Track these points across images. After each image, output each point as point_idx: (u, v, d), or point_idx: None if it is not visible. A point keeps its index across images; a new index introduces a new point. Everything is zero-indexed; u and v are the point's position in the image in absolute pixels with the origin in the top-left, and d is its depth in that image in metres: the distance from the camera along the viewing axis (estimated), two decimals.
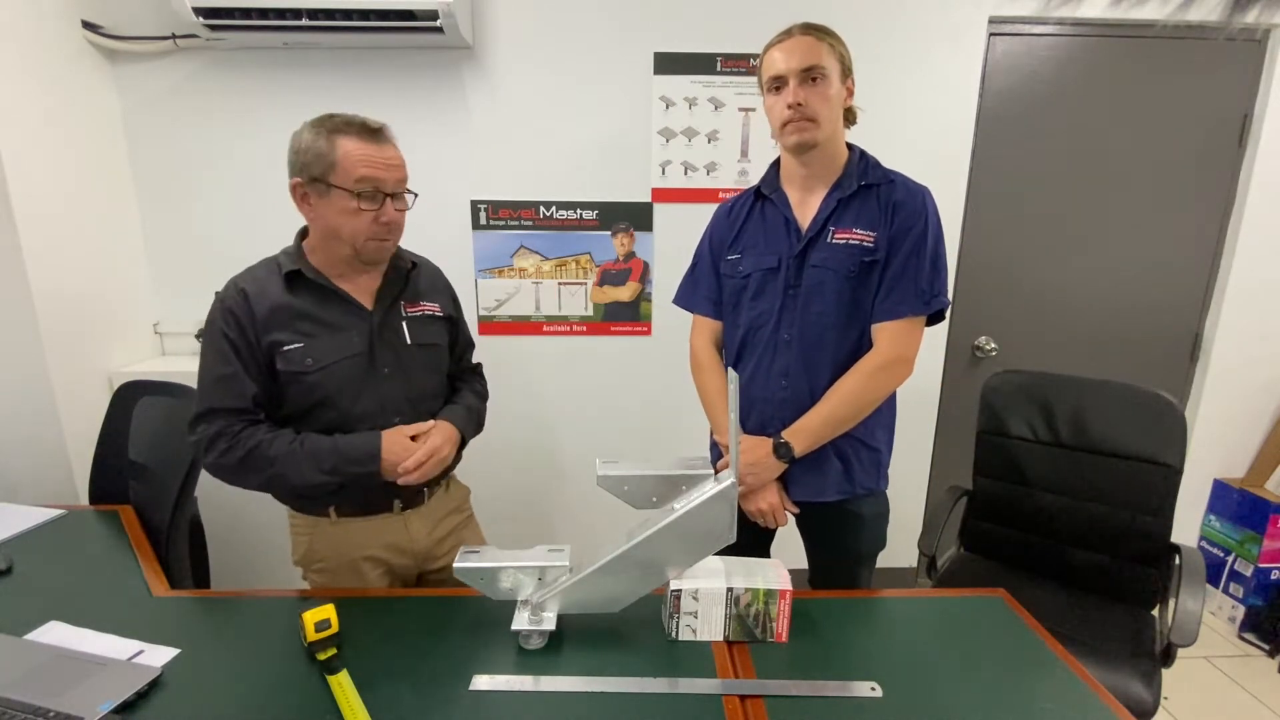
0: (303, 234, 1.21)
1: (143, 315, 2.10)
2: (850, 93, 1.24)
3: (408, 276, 1.26)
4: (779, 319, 1.27)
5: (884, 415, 1.31)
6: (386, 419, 1.18)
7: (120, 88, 1.97)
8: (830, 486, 1.29)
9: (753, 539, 1.38)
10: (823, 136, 1.21)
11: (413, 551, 1.27)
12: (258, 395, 1.12)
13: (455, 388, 1.38)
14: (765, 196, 1.33)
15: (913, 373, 1.26)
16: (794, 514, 1.33)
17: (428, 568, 1.32)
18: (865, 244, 1.21)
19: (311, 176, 1.09)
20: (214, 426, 1.10)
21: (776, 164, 1.34)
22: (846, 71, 1.22)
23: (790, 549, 1.40)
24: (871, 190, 1.24)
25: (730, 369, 0.98)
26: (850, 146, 1.29)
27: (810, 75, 1.17)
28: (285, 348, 1.12)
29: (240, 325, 1.11)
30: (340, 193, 1.08)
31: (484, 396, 1.42)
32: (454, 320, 1.34)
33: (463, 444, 1.29)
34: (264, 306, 1.12)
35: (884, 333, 1.23)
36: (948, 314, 1.30)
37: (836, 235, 1.23)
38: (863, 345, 1.25)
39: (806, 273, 1.25)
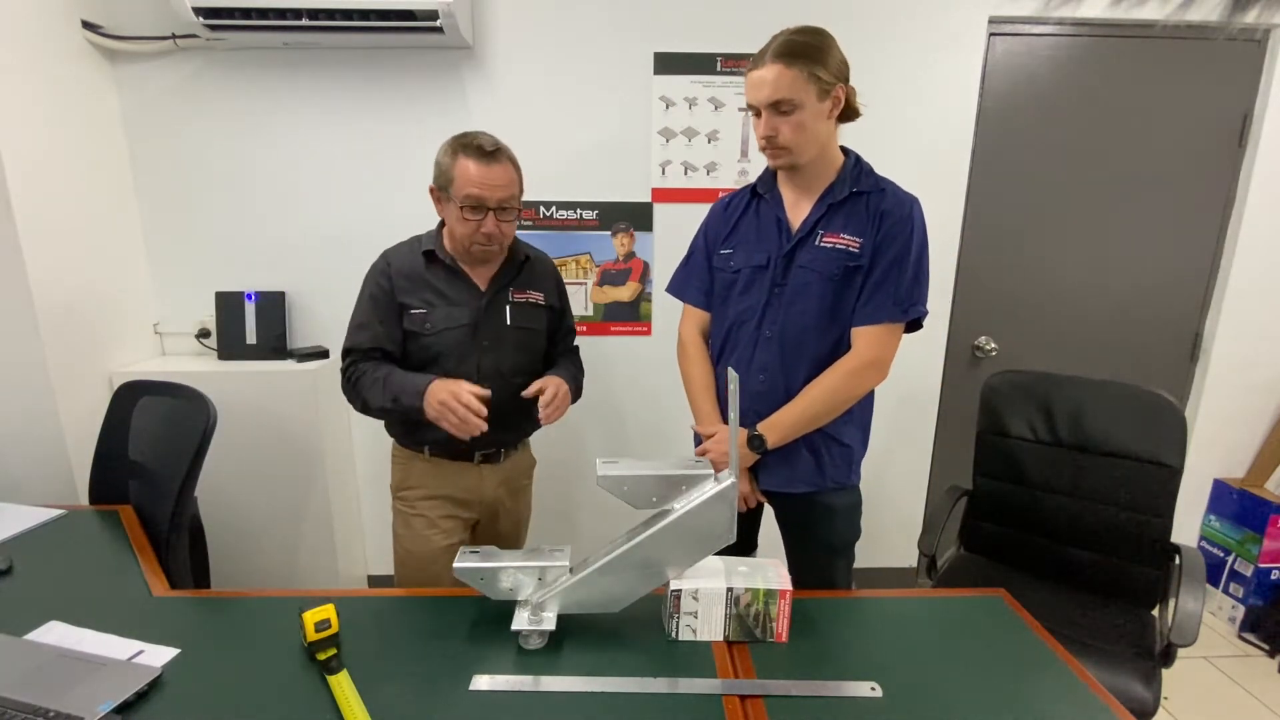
0: (443, 221, 1.44)
1: (143, 315, 2.10)
2: (838, 101, 1.21)
3: (521, 267, 1.47)
4: (763, 315, 1.31)
5: (857, 414, 1.35)
6: (481, 383, 1.35)
7: (120, 88, 1.97)
8: (799, 478, 1.34)
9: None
10: (800, 160, 1.24)
11: (480, 500, 1.49)
12: (385, 340, 1.38)
13: (555, 360, 1.58)
14: (761, 196, 1.35)
15: (887, 377, 1.30)
16: (762, 501, 1.38)
17: (486, 517, 1.53)
18: (851, 249, 1.24)
19: (439, 185, 1.34)
20: (347, 360, 1.39)
21: None
22: (827, 88, 1.19)
23: (782, 550, 1.41)
24: (862, 197, 1.26)
25: (730, 369, 0.98)
26: (846, 152, 1.30)
27: (780, 107, 1.19)
28: (412, 310, 1.38)
29: (383, 286, 1.38)
30: (453, 203, 1.31)
31: (581, 370, 1.61)
32: (555, 310, 1.55)
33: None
34: (402, 275, 1.38)
35: (862, 336, 1.27)
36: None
37: (824, 239, 1.26)
38: (841, 346, 1.29)
39: (793, 273, 1.28)
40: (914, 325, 1.30)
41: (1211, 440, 2.40)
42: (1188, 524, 2.50)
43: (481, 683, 0.92)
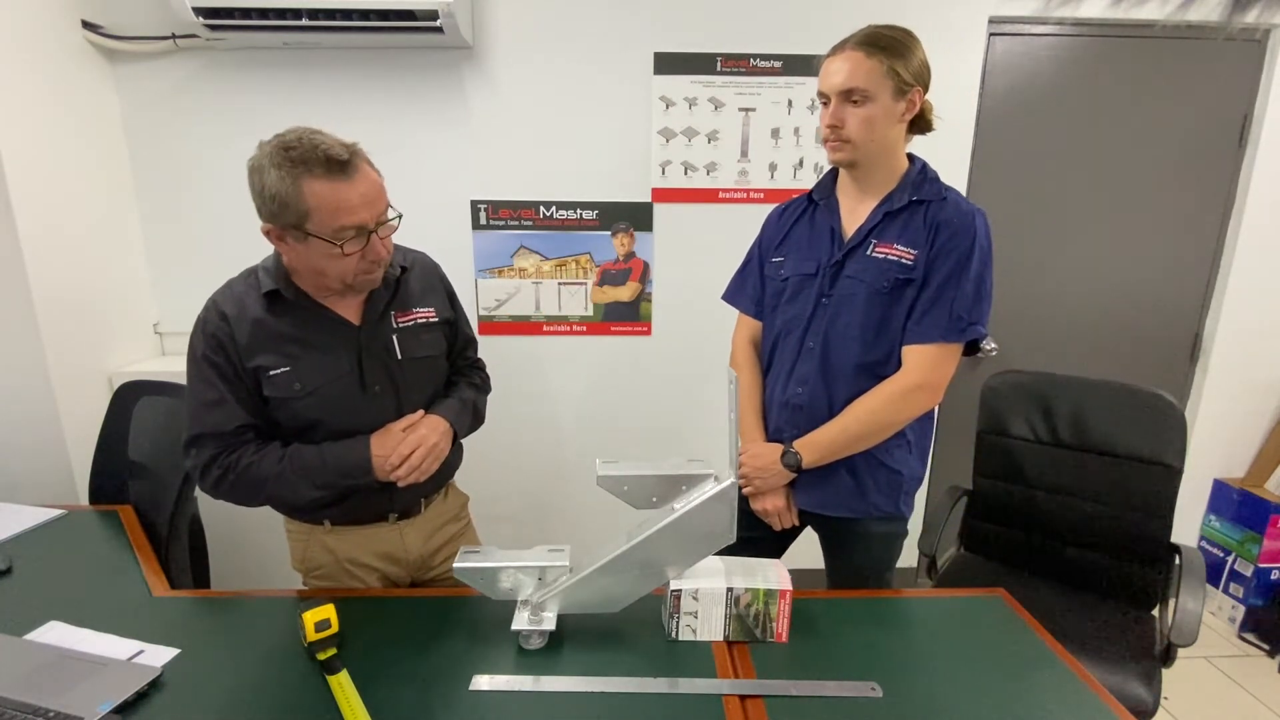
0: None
1: (143, 315, 2.10)
2: (913, 105, 1.17)
3: (398, 282, 1.18)
4: (808, 326, 1.26)
5: (913, 439, 1.28)
6: None
7: (120, 88, 1.97)
8: (836, 502, 1.27)
9: (771, 536, 1.37)
10: (860, 156, 1.18)
11: (406, 561, 1.26)
12: (246, 418, 1.09)
13: (452, 381, 1.31)
14: (816, 203, 1.31)
15: (940, 401, 1.22)
16: (795, 524, 1.32)
17: (421, 577, 1.30)
18: (904, 261, 1.17)
19: (285, 224, 0.99)
20: (205, 453, 1.07)
21: (834, 171, 1.31)
22: (904, 88, 1.15)
23: (807, 549, 1.40)
24: (921, 206, 1.19)
25: (729, 368, 0.98)
26: (912, 158, 1.25)
27: (851, 96, 1.14)
28: (271, 372, 1.07)
29: (224, 349, 1.06)
30: (320, 240, 0.99)
31: (482, 388, 1.36)
32: (451, 322, 1.27)
33: (458, 437, 1.24)
34: (245, 329, 1.07)
35: (912, 356, 1.19)
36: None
37: (877, 248, 1.20)
38: (889, 364, 1.22)
39: (840, 283, 1.23)
40: (972, 347, 1.21)
41: (1211, 440, 2.40)
42: (1188, 524, 2.50)
43: (481, 683, 0.92)
